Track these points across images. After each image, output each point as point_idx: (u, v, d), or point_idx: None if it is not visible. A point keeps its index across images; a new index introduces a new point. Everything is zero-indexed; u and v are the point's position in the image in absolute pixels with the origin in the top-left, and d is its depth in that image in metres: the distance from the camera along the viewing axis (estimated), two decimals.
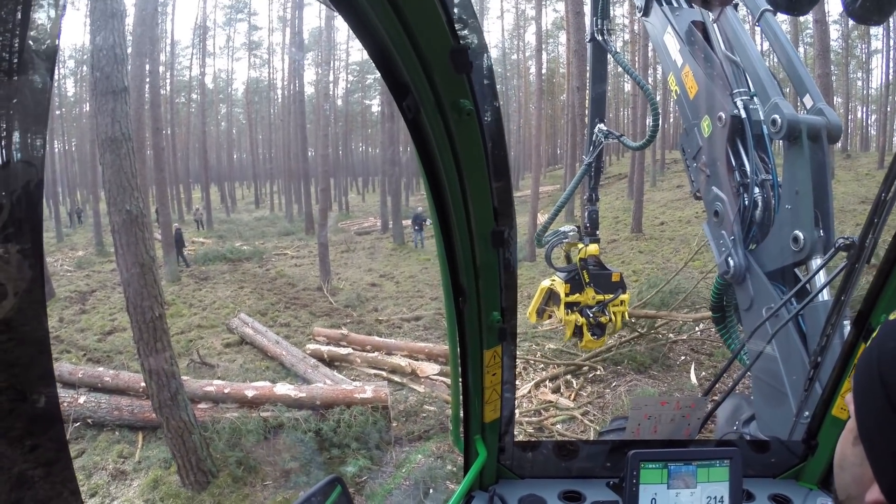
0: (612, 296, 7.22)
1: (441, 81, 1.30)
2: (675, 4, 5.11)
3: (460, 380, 2.13)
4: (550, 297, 7.39)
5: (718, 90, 4.49)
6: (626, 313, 7.61)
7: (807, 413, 2.78)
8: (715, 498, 2.26)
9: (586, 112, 7.24)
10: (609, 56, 6.62)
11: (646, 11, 5.35)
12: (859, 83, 49.75)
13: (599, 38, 6.51)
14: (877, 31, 41.35)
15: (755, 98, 4.39)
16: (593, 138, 6.88)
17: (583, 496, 2.46)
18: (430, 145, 1.44)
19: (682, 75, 4.80)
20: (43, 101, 0.63)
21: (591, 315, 7.19)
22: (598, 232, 7.57)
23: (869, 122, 52.18)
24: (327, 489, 1.71)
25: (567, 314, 7.26)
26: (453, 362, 2.08)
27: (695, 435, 2.65)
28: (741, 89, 4.44)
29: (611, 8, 6.72)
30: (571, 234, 7.16)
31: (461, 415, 2.26)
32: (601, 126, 6.79)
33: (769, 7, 4.19)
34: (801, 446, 2.61)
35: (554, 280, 7.33)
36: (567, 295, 7.19)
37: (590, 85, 7.19)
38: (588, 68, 7.19)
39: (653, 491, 2.24)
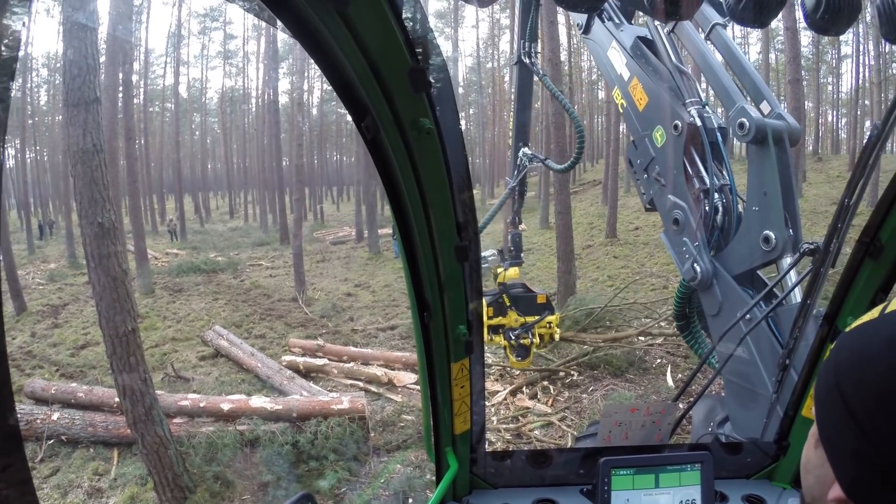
0: (537, 318, 7.28)
1: (400, 101, 1.32)
2: (617, 21, 5.18)
3: (429, 393, 2.15)
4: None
5: (671, 100, 4.55)
6: (556, 334, 7.68)
7: (778, 414, 2.83)
8: (687, 501, 2.28)
9: (509, 134, 7.31)
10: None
11: (586, 29, 5.42)
12: (830, 88, 50.73)
13: (526, 60, 6.60)
14: (846, 37, 42.20)
15: (707, 107, 4.48)
16: (517, 162, 6.94)
17: (556, 503, 2.48)
18: (391, 164, 1.45)
19: (630, 88, 4.85)
20: None
21: (513, 337, 7.26)
22: (521, 255, 7.63)
23: (839, 125, 53.32)
24: None
25: (490, 337, 7.33)
26: (422, 376, 2.09)
27: (666, 440, 2.67)
28: (693, 98, 4.51)
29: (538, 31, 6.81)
30: (491, 258, 7.23)
31: (432, 427, 2.28)
32: (525, 150, 6.86)
33: (719, 21, 4.28)
34: (773, 447, 2.65)
35: None
36: (490, 318, 7.26)
37: (514, 108, 7.22)
38: (513, 90, 7.24)
39: (625, 497, 2.26)
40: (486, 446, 2.59)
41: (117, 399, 8.27)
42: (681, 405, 3.61)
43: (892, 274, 2.10)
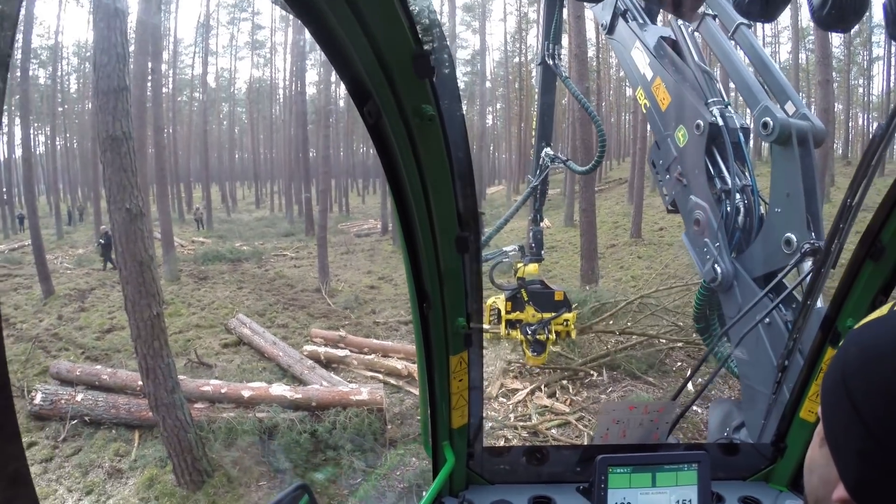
0: (553, 314, 7.30)
1: (403, 86, 1.31)
2: (641, 21, 5.15)
3: (427, 386, 2.15)
4: (499, 314, 7.49)
5: (693, 99, 4.51)
6: (573, 332, 7.70)
7: (776, 416, 2.80)
8: (683, 501, 2.27)
9: (533, 133, 7.30)
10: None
11: (610, 29, 5.41)
12: (861, 90, 49.89)
13: (550, 61, 6.59)
14: (878, 38, 41.49)
15: (729, 107, 4.44)
16: (539, 162, 6.95)
17: (553, 501, 2.46)
18: (392, 150, 1.45)
19: (653, 88, 4.83)
20: None
21: (530, 332, 7.29)
22: (542, 252, 7.66)
23: (870, 128, 52.28)
24: (294, 497, 1.70)
25: (508, 332, 7.39)
26: (420, 368, 2.09)
27: (664, 439, 2.65)
28: (715, 98, 4.47)
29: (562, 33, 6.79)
30: (512, 253, 7.25)
31: (429, 421, 2.28)
32: (548, 150, 6.86)
33: (744, 21, 4.23)
34: (770, 449, 2.62)
35: (497, 298, 7.45)
36: (508, 312, 7.31)
37: (537, 109, 7.24)
38: (536, 91, 7.24)
39: (621, 495, 2.25)
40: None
41: (140, 382, 8.41)
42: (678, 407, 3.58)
43: (892, 276, 2.06)
